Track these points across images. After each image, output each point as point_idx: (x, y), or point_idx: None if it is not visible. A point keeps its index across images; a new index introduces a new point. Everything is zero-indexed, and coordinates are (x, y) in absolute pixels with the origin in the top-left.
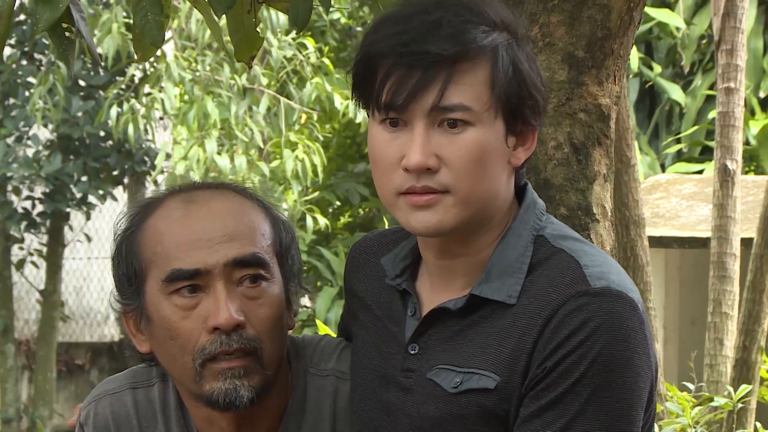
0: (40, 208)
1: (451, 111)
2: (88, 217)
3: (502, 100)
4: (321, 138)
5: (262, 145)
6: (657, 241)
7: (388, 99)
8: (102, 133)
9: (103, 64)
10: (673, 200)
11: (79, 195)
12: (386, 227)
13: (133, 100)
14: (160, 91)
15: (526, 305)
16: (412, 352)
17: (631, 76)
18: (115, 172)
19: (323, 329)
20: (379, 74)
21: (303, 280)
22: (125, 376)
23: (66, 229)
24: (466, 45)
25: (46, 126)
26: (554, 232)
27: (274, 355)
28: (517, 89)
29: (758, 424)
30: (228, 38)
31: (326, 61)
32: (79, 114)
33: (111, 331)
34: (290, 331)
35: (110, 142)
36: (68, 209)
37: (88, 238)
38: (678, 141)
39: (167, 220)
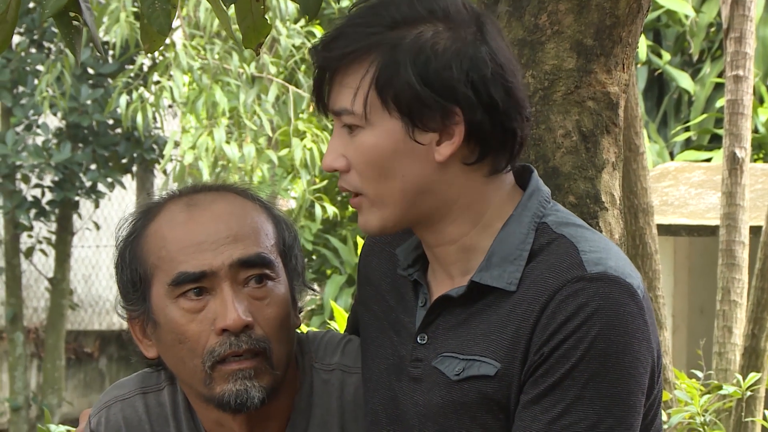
0: (49, 196)
1: (339, 115)
2: (96, 205)
3: (388, 101)
4: (330, 126)
5: (270, 134)
6: (666, 229)
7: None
8: (111, 122)
9: (111, 52)
10: (682, 188)
11: (88, 183)
12: None
13: (142, 89)
14: (169, 80)
15: (526, 291)
16: (421, 342)
17: (639, 64)
18: (124, 161)
19: (339, 314)
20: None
21: (310, 267)
22: (134, 381)
23: (75, 217)
24: (344, 49)
25: (55, 114)
26: (557, 219)
27: (282, 354)
28: (401, 90)
29: (767, 412)
30: (236, 26)
31: None
32: (88, 102)
33: (120, 320)
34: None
35: (119, 131)
36: (77, 197)
37: (97, 226)
38: (687, 129)
39: (170, 225)
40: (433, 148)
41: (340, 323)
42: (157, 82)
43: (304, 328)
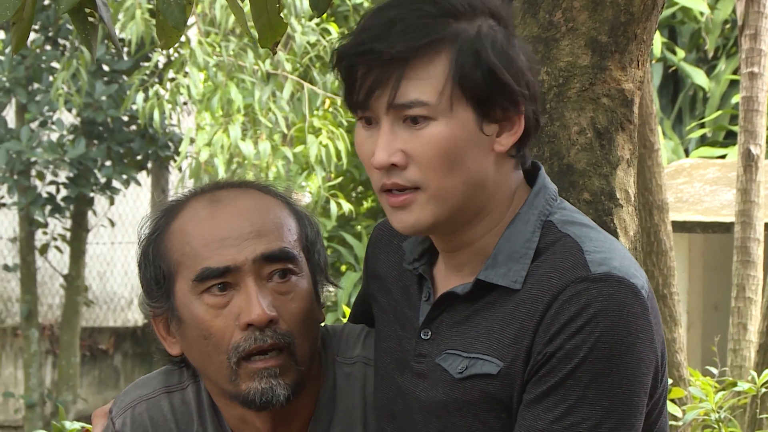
0: (63, 192)
1: (408, 107)
2: (111, 202)
3: (465, 91)
4: (345, 123)
5: (285, 131)
6: (680, 226)
7: (354, 98)
8: (126, 118)
9: (126, 49)
10: (697, 185)
11: (103, 180)
12: None
13: (157, 86)
14: (184, 77)
15: (530, 290)
16: (425, 337)
17: (654, 60)
18: (138, 157)
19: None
20: (348, 74)
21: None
22: (157, 380)
23: (90, 213)
24: (418, 41)
25: (70, 111)
26: (563, 218)
27: (306, 349)
28: (481, 79)
29: None
30: (251, 24)
31: None
32: (103, 98)
33: (135, 316)
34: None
35: (134, 127)
36: (92, 194)
37: (112, 223)
38: (701, 126)
39: (194, 221)
40: (494, 140)
41: None
42: (173, 80)
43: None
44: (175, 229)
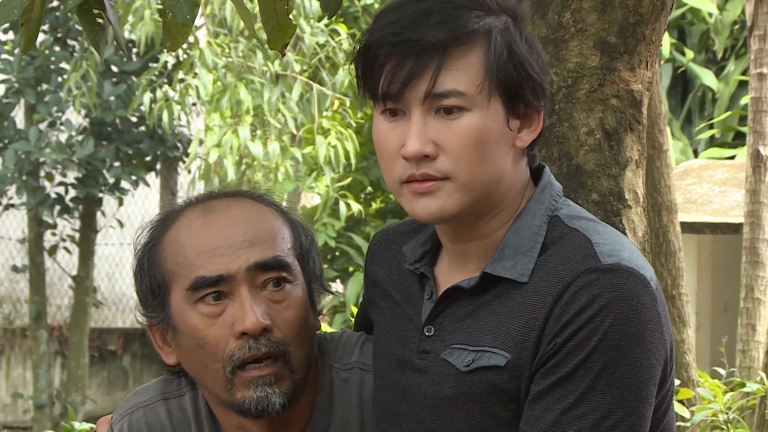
0: (72, 193)
1: (446, 97)
2: (120, 203)
3: (499, 84)
4: (353, 124)
5: (295, 132)
6: (689, 227)
7: (384, 88)
8: (134, 119)
9: (135, 50)
10: (706, 186)
11: (111, 180)
12: None
13: (166, 87)
14: (193, 78)
15: (538, 283)
16: (428, 334)
17: (663, 61)
18: (147, 158)
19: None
20: (376, 65)
21: (334, 265)
22: (155, 388)
23: (98, 214)
24: (457, 30)
25: (78, 112)
26: (569, 213)
27: (302, 357)
28: (513, 72)
29: None
30: (260, 25)
31: None
32: (111, 99)
33: None
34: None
35: (143, 128)
36: (101, 194)
37: (121, 224)
38: (710, 126)
39: (188, 231)
40: (515, 135)
41: None
42: (182, 80)
43: (327, 327)
44: (169, 238)
